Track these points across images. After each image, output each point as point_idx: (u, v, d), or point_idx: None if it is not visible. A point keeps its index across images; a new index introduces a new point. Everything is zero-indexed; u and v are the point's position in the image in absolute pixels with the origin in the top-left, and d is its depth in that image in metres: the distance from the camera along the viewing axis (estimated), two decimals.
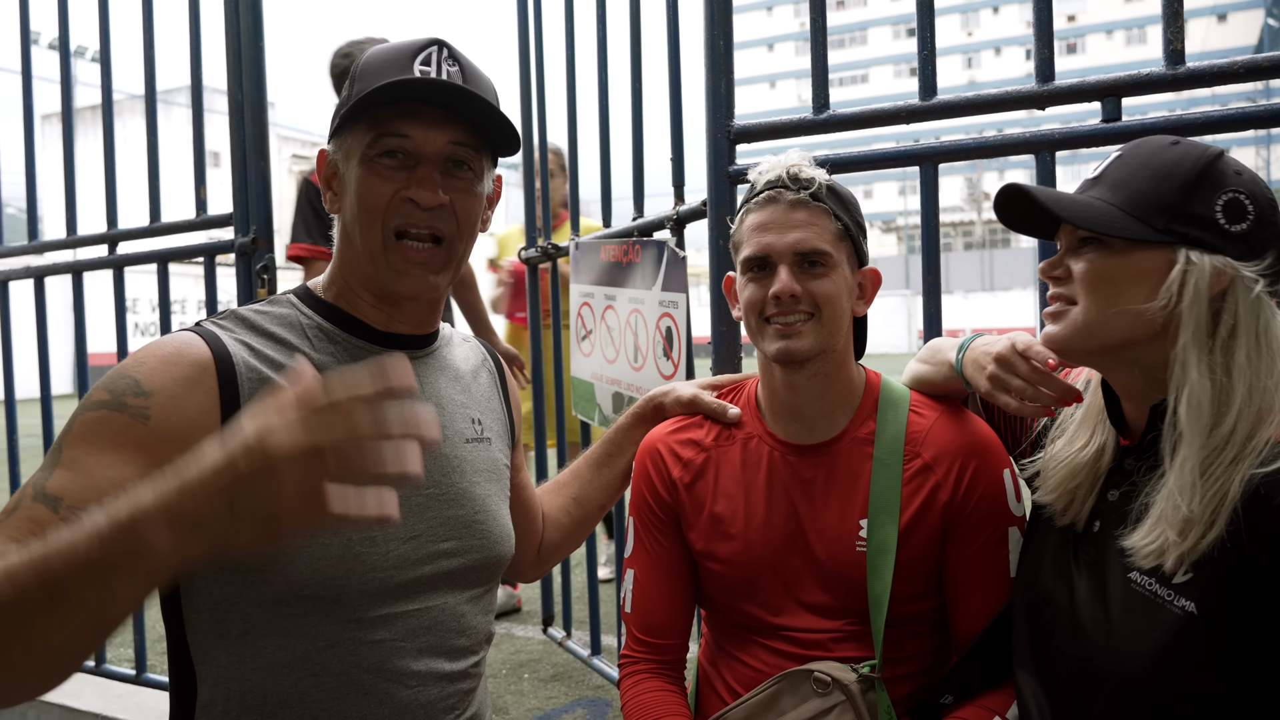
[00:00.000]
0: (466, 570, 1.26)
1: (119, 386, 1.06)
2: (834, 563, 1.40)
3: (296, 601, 1.11)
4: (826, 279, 1.36)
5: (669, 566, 1.53)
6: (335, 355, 1.23)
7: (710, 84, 1.98)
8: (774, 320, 1.37)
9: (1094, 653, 1.12)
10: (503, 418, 1.45)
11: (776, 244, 1.36)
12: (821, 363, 1.39)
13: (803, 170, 1.37)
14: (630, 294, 2.35)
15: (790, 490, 1.43)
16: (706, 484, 1.49)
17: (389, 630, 1.17)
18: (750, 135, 1.97)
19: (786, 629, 1.42)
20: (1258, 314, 1.05)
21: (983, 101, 1.76)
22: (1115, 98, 1.64)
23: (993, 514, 1.38)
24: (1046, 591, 1.22)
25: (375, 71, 1.18)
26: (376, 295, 1.25)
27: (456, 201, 1.23)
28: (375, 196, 1.19)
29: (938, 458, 1.39)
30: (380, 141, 1.19)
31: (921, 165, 1.81)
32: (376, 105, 1.18)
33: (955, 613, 1.41)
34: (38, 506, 0.97)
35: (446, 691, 1.23)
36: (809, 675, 1.35)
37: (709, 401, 1.56)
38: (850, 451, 1.42)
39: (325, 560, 1.12)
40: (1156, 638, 1.05)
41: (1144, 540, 1.06)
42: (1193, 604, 1.02)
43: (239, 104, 2.50)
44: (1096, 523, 1.18)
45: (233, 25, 2.49)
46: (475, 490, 1.30)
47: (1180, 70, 1.58)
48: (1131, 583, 1.09)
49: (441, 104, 1.20)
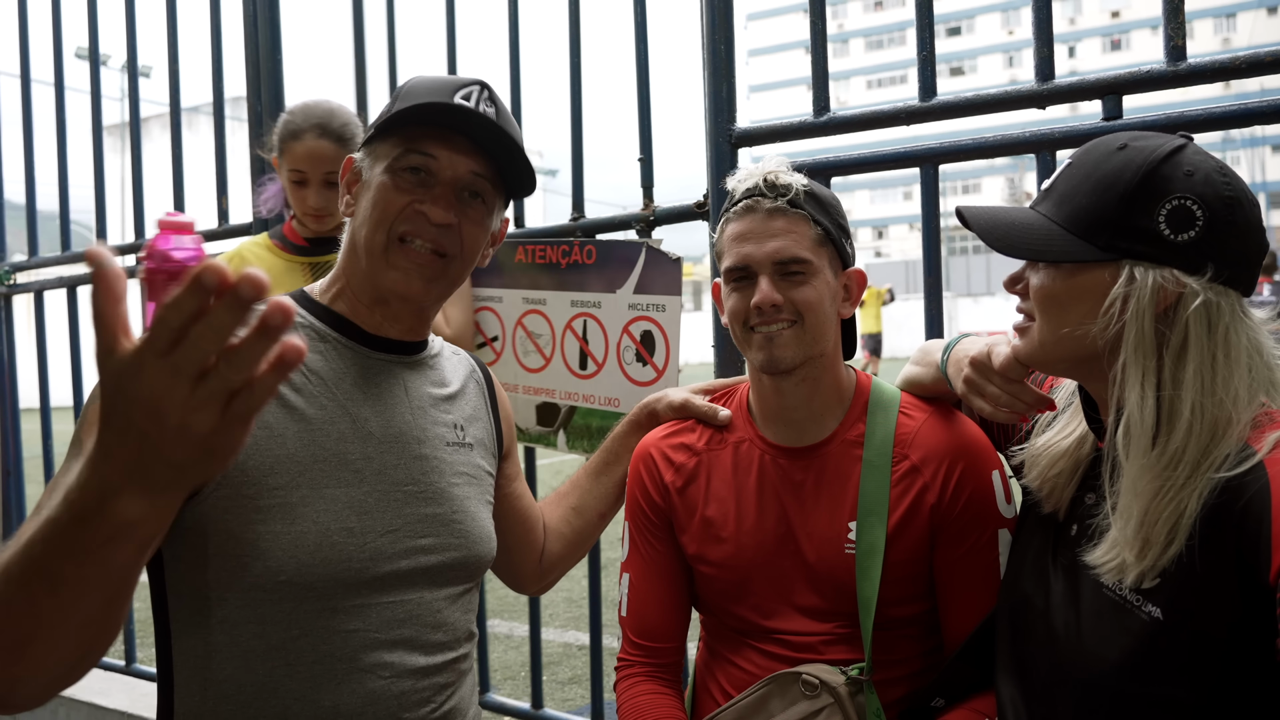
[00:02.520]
0: (444, 568, 1.28)
1: None
2: (824, 565, 1.39)
3: (273, 588, 1.14)
4: (807, 286, 1.36)
5: (663, 570, 1.53)
6: (324, 354, 1.27)
7: (712, 88, 1.98)
8: (758, 329, 1.37)
9: (1064, 657, 1.11)
10: (489, 428, 1.48)
11: (755, 254, 1.36)
12: (808, 368, 1.39)
13: (779, 177, 1.37)
14: (574, 297, 2.24)
15: (780, 493, 1.44)
16: (698, 488, 1.50)
17: (363, 620, 1.19)
18: (752, 139, 1.98)
19: (778, 632, 1.42)
20: (1211, 325, 1.01)
21: (982, 102, 1.74)
22: (1116, 96, 1.62)
23: (981, 516, 1.37)
24: (1025, 594, 1.21)
25: (418, 95, 1.25)
26: (371, 296, 1.29)
27: (464, 227, 1.28)
28: (390, 203, 1.24)
29: (925, 459, 1.39)
30: (407, 156, 1.25)
31: (921, 166, 1.80)
32: (410, 123, 1.24)
33: (946, 615, 1.40)
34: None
35: (421, 685, 1.24)
36: (798, 678, 1.35)
37: (700, 405, 1.56)
38: (840, 454, 1.42)
39: (303, 548, 1.15)
40: (1123, 643, 1.03)
41: (1104, 558, 1.05)
42: (1159, 610, 1.01)
43: (258, 115, 2.57)
44: (1074, 526, 1.16)
45: (251, 39, 2.55)
46: (454, 491, 1.33)
47: (1181, 67, 1.56)
48: (1103, 587, 1.08)
49: (471, 135, 1.26)
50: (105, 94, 2.91)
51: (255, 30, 2.55)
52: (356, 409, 1.25)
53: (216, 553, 1.14)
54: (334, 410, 1.23)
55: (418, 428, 1.31)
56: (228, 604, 1.15)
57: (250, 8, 2.56)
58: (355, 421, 1.24)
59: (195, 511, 1.14)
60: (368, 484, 1.23)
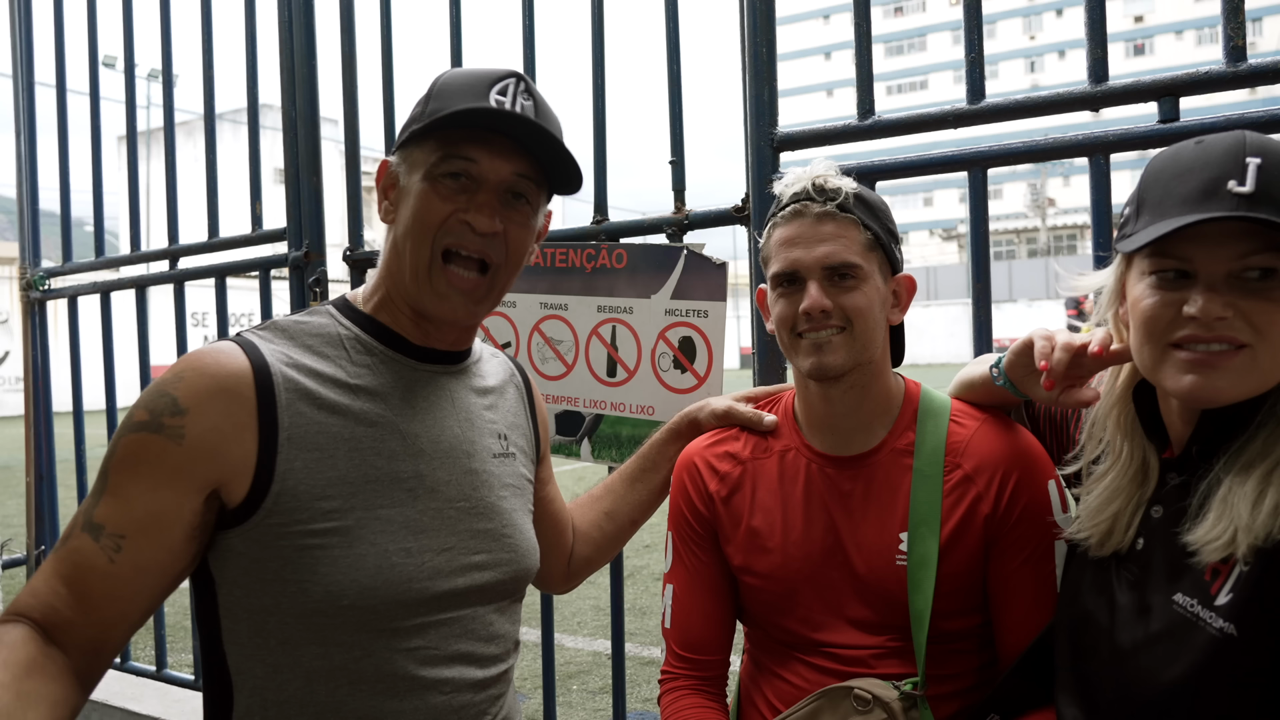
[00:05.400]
0: (497, 583, 1.28)
1: (158, 406, 1.11)
2: (874, 577, 1.36)
3: (335, 612, 1.13)
4: (857, 291, 1.33)
5: (708, 581, 1.51)
6: (371, 367, 1.24)
7: (753, 91, 1.96)
8: (806, 335, 1.35)
9: (1130, 675, 1.07)
10: (529, 433, 1.46)
11: (805, 259, 1.33)
12: (857, 375, 1.36)
13: (829, 181, 1.34)
14: (600, 301, 2.19)
15: (828, 503, 1.41)
16: (744, 497, 1.47)
17: (423, 639, 1.19)
18: (795, 143, 1.95)
19: (827, 645, 1.39)
20: None
21: (1034, 104, 1.70)
22: (1173, 97, 1.58)
23: (1037, 527, 1.34)
24: (1087, 611, 1.17)
25: (452, 94, 1.22)
26: (415, 311, 1.27)
27: (510, 232, 1.25)
28: (432, 213, 1.21)
29: (979, 468, 1.35)
30: (447, 162, 1.21)
31: (970, 170, 1.76)
32: (448, 128, 1.21)
33: (1000, 629, 1.37)
34: (84, 536, 1.08)
35: (478, 698, 1.24)
36: (849, 692, 1.31)
37: (744, 412, 1.53)
38: (889, 463, 1.39)
39: (363, 571, 1.14)
40: (1193, 660, 1.00)
41: (1209, 533, 1.00)
42: (1232, 625, 0.97)
43: (292, 121, 2.57)
44: (1140, 540, 1.13)
45: (286, 45, 2.55)
46: (503, 504, 1.31)
47: (1242, 67, 1.52)
48: (1174, 604, 1.04)
49: (512, 135, 1.23)
50: (118, 100, 2.92)
51: (290, 36, 2.55)
52: (406, 425, 1.23)
53: (274, 578, 1.13)
54: (384, 428, 1.21)
55: (466, 440, 1.29)
56: (288, 626, 1.14)
57: (285, 13, 2.56)
58: (405, 438, 1.23)
59: (247, 538, 1.13)
60: (421, 502, 1.21)
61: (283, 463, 1.12)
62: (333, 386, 1.19)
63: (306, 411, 1.15)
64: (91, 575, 1.07)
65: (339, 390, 1.19)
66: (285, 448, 1.13)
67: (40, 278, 3.27)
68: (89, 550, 1.07)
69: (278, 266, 2.65)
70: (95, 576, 1.07)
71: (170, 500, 1.09)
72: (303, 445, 1.14)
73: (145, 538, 1.08)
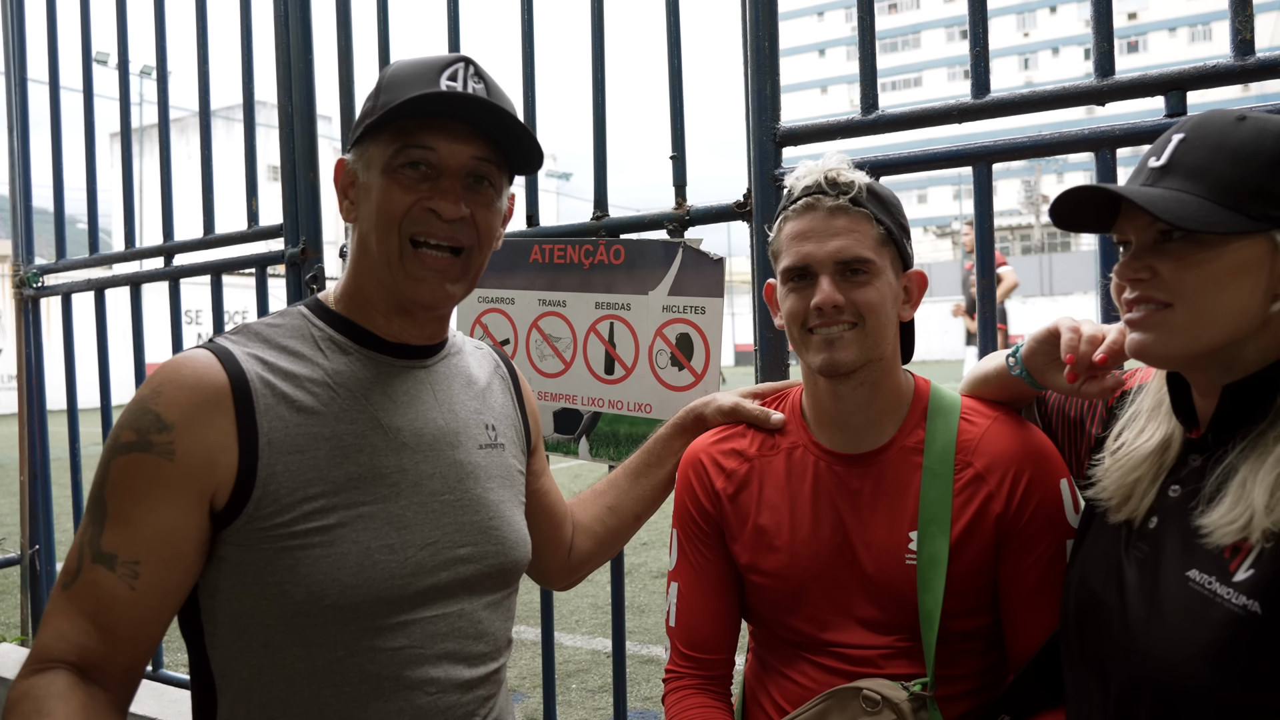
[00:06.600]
0: (483, 576, 1.26)
1: (142, 424, 1.10)
2: (883, 576, 1.35)
3: (316, 612, 1.12)
4: (869, 287, 1.32)
5: (713, 580, 1.49)
6: (348, 365, 1.23)
7: (756, 86, 1.94)
8: (817, 331, 1.33)
9: (1143, 655, 1.05)
10: (517, 424, 1.45)
11: (817, 253, 1.32)
12: (868, 371, 1.35)
13: (841, 174, 1.33)
14: (598, 298, 2.17)
15: (837, 501, 1.39)
16: (750, 495, 1.46)
17: (408, 637, 1.17)
18: (797, 138, 1.93)
19: (835, 645, 1.38)
20: None
21: (1039, 98, 1.69)
22: (1180, 91, 1.57)
23: (1049, 526, 1.32)
24: (1094, 593, 1.15)
25: (402, 84, 1.19)
26: (390, 305, 1.26)
27: (477, 214, 1.24)
28: (395, 204, 1.20)
29: (990, 467, 1.34)
30: (405, 152, 1.20)
31: (974, 165, 1.75)
32: (402, 117, 1.18)
33: (1011, 629, 1.36)
34: (98, 569, 1.07)
35: (466, 698, 1.23)
36: (858, 693, 1.30)
37: (751, 409, 1.52)
38: (899, 461, 1.38)
39: (344, 569, 1.13)
40: (1210, 637, 0.98)
41: (1225, 517, 1.00)
42: (1256, 603, 0.96)
43: (289, 117, 2.54)
44: (1154, 519, 1.11)
45: (283, 41, 2.53)
46: (489, 496, 1.30)
47: (1250, 61, 1.51)
48: (1190, 581, 1.03)
49: (467, 119, 1.21)
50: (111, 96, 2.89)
51: (287, 31, 2.52)
52: (388, 419, 1.22)
53: (255, 580, 1.12)
54: (365, 424, 1.20)
55: (450, 432, 1.28)
56: (270, 629, 1.13)
57: (281, 8, 2.53)
58: (388, 433, 1.21)
59: (228, 543, 1.12)
60: (404, 497, 1.20)
61: (264, 467, 1.12)
62: (310, 387, 1.18)
63: (285, 415, 1.15)
64: (116, 606, 1.07)
65: (317, 390, 1.19)
66: (266, 452, 1.12)
67: (34, 275, 3.24)
68: (108, 582, 1.07)
69: (274, 263, 2.63)
70: (120, 607, 1.07)
71: (174, 517, 1.09)
72: (283, 448, 1.13)
73: (159, 559, 1.08)
